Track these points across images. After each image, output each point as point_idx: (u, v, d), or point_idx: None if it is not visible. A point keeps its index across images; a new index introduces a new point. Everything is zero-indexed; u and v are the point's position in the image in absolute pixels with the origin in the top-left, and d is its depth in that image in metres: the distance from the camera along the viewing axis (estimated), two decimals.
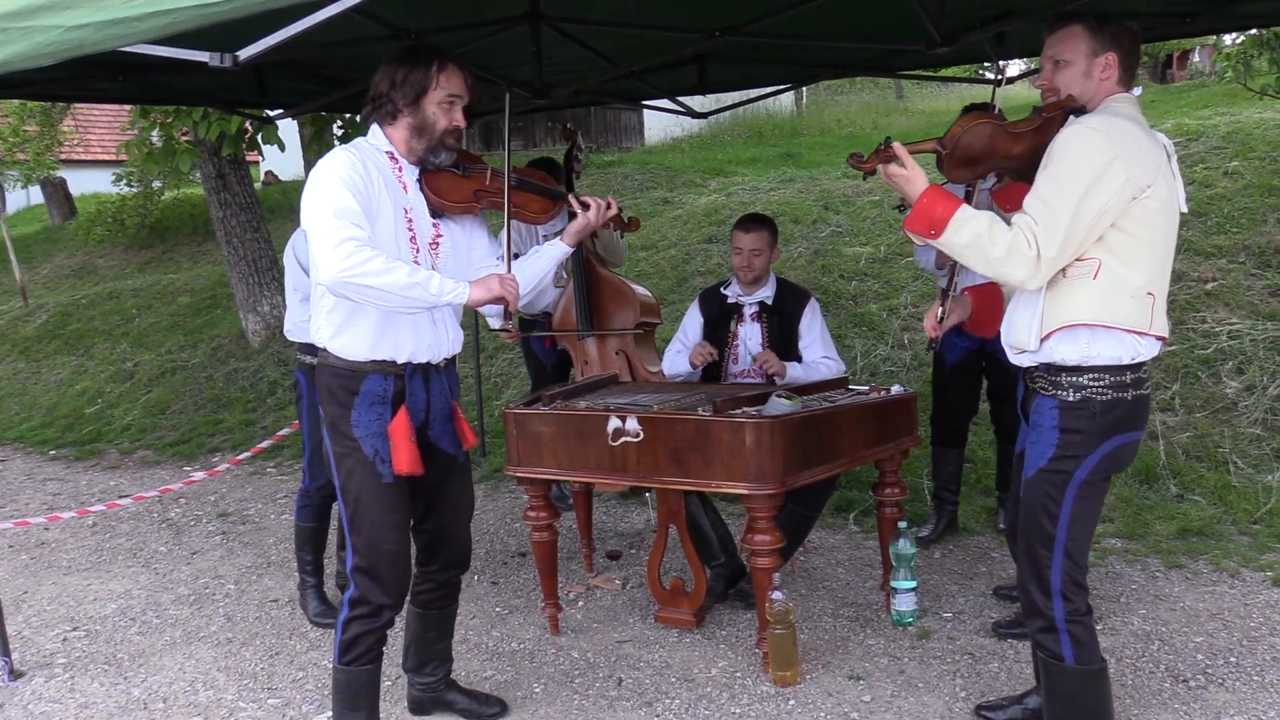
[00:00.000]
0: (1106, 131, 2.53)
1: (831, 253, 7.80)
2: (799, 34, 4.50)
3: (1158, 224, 2.58)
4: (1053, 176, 2.56)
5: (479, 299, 2.84)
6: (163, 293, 11.23)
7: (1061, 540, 2.68)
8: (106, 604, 4.71)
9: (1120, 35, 2.68)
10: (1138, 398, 2.65)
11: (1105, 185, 2.49)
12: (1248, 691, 3.31)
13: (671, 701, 3.48)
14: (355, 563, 2.97)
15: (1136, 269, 2.57)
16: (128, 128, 8.65)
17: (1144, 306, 2.59)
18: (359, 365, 2.90)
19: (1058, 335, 2.64)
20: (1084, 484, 2.66)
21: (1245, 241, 6.50)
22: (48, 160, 15.21)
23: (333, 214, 2.67)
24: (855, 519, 5.19)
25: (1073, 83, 2.70)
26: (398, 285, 2.66)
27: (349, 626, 2.99)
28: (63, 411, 8.86)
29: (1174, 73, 18.54)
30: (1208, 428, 5.36)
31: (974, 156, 2.74)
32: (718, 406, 3.45)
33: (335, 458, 2.96)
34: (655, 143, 14.78)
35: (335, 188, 2.72)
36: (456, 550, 3.27)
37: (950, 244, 2.61)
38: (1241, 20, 4.91)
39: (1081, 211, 2.50)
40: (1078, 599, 2.71)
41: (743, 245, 4.32)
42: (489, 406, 6.96)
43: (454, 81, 2.91)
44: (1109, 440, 2.64)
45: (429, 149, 2.95)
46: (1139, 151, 2.54)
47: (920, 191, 2.63)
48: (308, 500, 4.30)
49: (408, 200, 2.94)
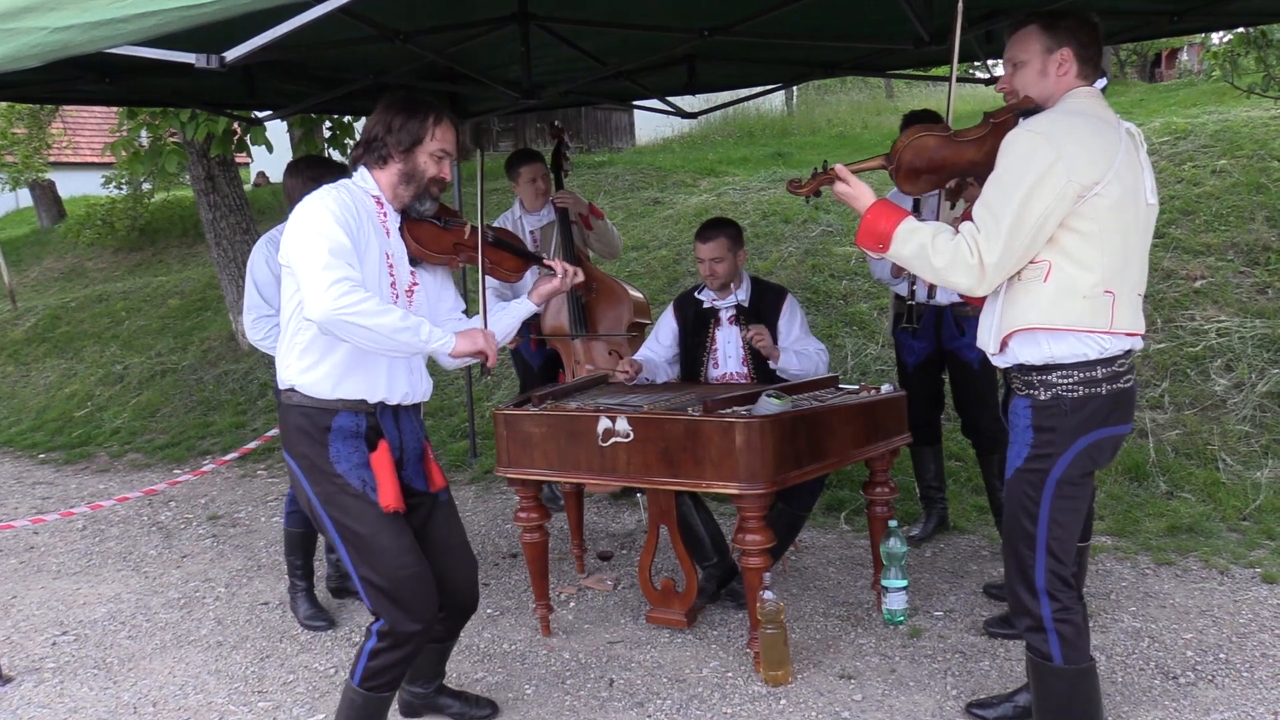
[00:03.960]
0: (1047, 133, 2.52)
1: (822, 252, 7.81)
2: (788, 33, 4.50)
3: (1112, 221, 2.56)
4: (994, 181, 2.57)
5: (463, 350, 2.84)
6: (152, 295, 11.19)
7: (1043, 539, 2.69)
8: (96, 608, 4.69)
9: (1075, 28, 2.66)
10: (1114, 392, 2.64)
11: (1047, 188, 2.49)
12: (1237, 688, 3.33)
13: (663, 702, 3.48)
14: (374, 599, 2.85)
15: (1089, 269, 2.57)
16: (116, 130, 8.61)
17: (1100, 306, 2.58)
18: (328, 403, 2.83)
19: (1017, 338, 2.68)
20: (1061, 482, 2.66)
21: (1233, 239, 6.53)
22: (36, 163, 15.13)
23: (329, 252, 2.64)
24: (846, 518, 5.20)
25: (1030, 83, 2.70)
26: (389, 328, 2.65)
27: (377, 655, 2.89)
28: (52, 415, 8.82)
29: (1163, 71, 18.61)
30: (1197, 425, 5.38)
31: (922, 169, 2.75)
32: (708, 406, 3.45)
33: (320, 500, 2.85)
34: (646, 143, 14.78)
35: (330, 225, 2.70)
36: (457, 597, 3.10)
37: (898, 256, 2.66)
38: (1229, 19, 4.94)
39: (1023, 216, 2.50)
40: (1064, 596, 2.72)
41: (703, 255, 4.27)
42: (479, 407, 6.95)
43: (447, 137, 2.94)
44: (1084, 437, 2.64)
45: (415, 196, 2.95)
46: (1085, 149, 2.52)
47: (866, 207, 2.68)
48: (296, 505, 4.28)
49: (390, 245, 2.92)
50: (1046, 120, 2.58)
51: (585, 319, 5.06)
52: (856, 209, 2.72)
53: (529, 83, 4.50)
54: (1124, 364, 2.68)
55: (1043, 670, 2.77)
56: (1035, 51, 2.68)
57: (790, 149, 12.81)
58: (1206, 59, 10.13)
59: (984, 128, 2.74)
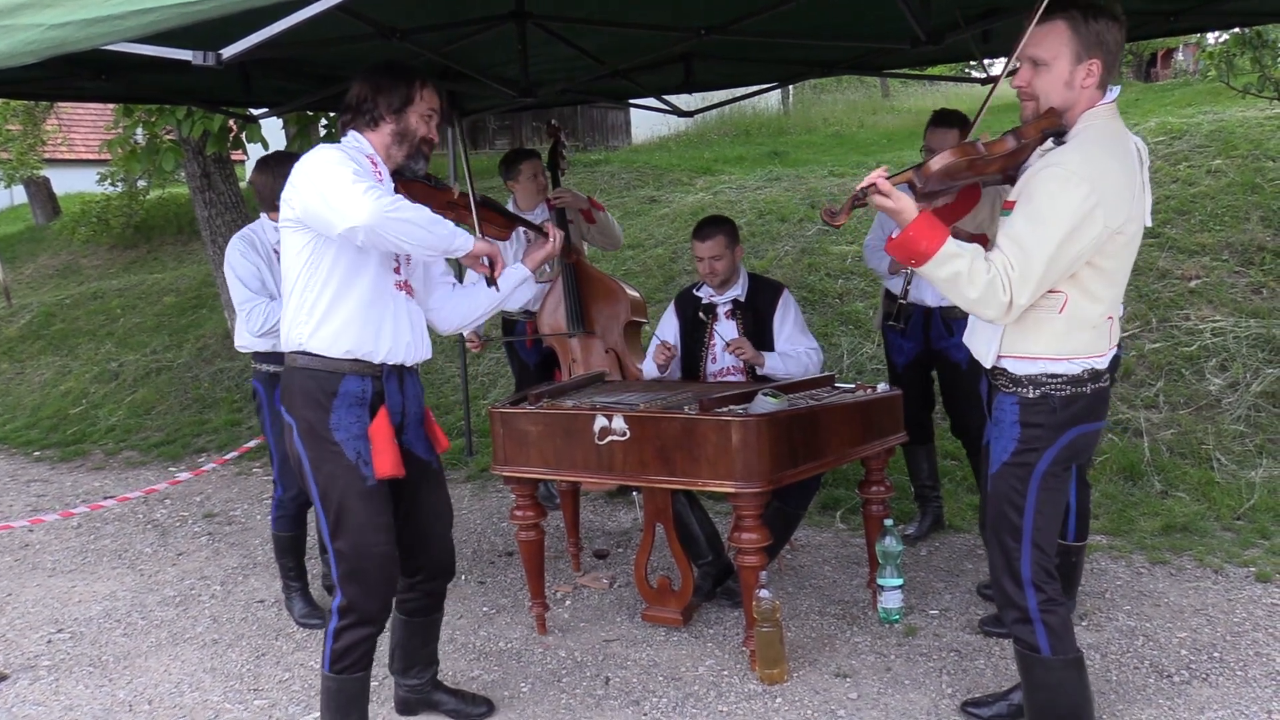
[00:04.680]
0: (1089, 176, 2.44)
1: (818, 251, 7.81)
2: (784, 32, 4.50)
3: (1125, 255, 2.58)
4: (1031, 218, 2.48)
5: (480, 250, 2.96)
6: (147, 293, 11.17)
7: (1029, 530, 2.71)
8: (91, 606, 4.68)
9: (1106, 34, 2.50)
10: (1097, 391, 2.67)
11: (1084, 233, 2.45)
12: (1231, 686, 3.34)
13: (659, 700, 3.48)
14: (342, 570, 2.94)
15: (1099, 301, 2.59)
16: (112, 127, 8.60)
17: (1102, 332, 2.63)
18: (336, 364, 2.90)
19: (1012, 360, 2.67)
20: (1046, 474, 2.69)
21: (1228, 239, 6.54)
22: (31, 160, 15.08)
23: (353, 174, 2.71)
24: (842, 517, 5.21)
25: (1053, 91, 2.54)
26: (427, 219, 2.75)
27: (340, 636, 2.96)
28: (47, 412, 8.81)
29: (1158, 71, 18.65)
30: (1191, 424, 5.39)
31: (947, 185, 2.66)
32: (704, 405, 3.45)
33: (311, 463, 2.92)
34: (642, 141, 14.78)
35: (344, 160, 2.78)
36: (439, 559, 3.26)
37: (931, 276, 2.58)
38: (1224, 19, 4.95)
39: (1058, 260, 2.47)
40: (1049, 588, 2.73)
41: (701, 253, 4.30)
42: (475, 405, 6.94)
43: (434, 99, 3.03)
44: (1068, 432, 2.67)
45: (409, 155, 3.02)
46: (1117, 188, 2.48)
47: (909, 221, 2.53)
48: (283, 510, 4.27)
49: None
50: (1081, 157, 2.47)
51: (583, 317, 5.06)
52: (899, 223, 2.56)
53: (526, 81, 4.49)
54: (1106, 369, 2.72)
55: (1031, 662, 2.78)
56: (1065, 56, 2.50)
57: (786, 148, 12.82)
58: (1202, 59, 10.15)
59: (1012, 142, 2.56)
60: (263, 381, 4.12)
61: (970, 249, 2.54)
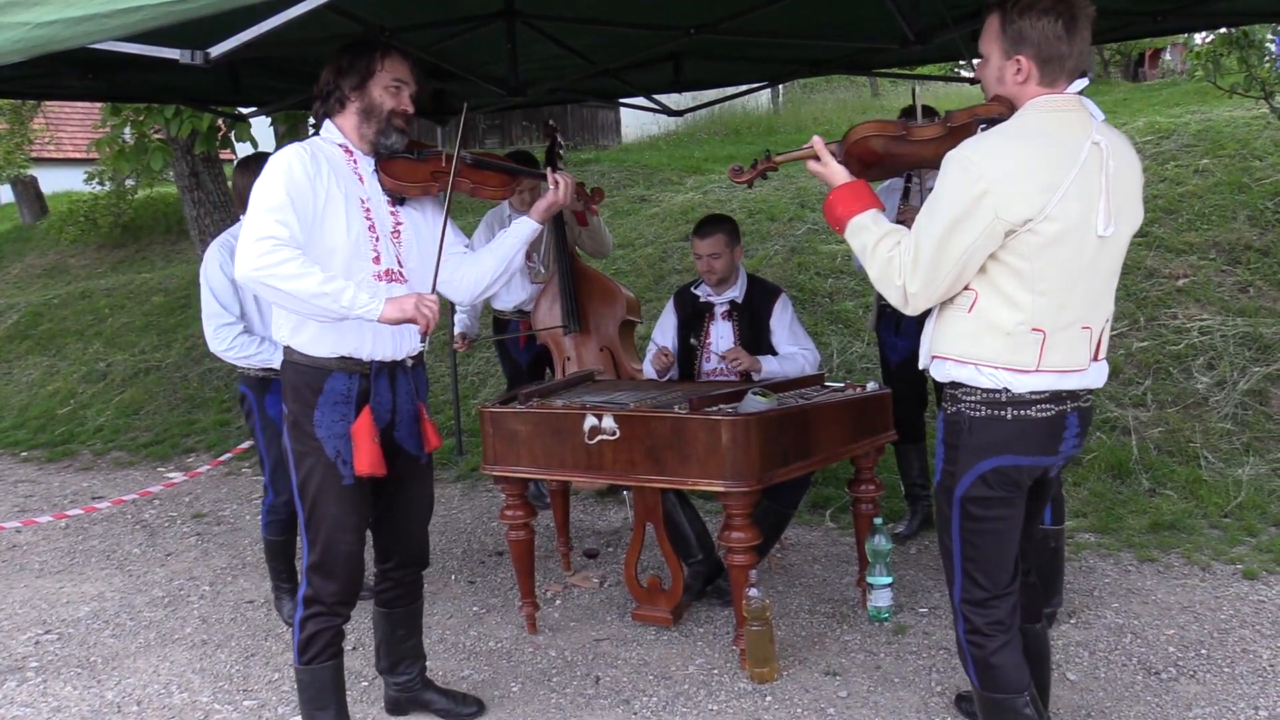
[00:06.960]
0: (981, 163, 2.29)
1: (808, 250, 7.82)
2: (774, 31, 4.51)
3: (1048, 259, 2.32)
4: (927, 205, 2.40)
5: (391, 317, 2.76)
6: (136, 292, 11.12)
7: (957, 558, 2.55)
8: (80, 606, 4.67)
9: (1032, 32, 2.35)
10: (1021, 419, 2.42)
11: (972, 223, 2.30)
12: (1218, 683, 3.35)
13: (649, 699, 3.48)
14: (310, 561, 2.98)
15: (1016, 307, 2.35)
16: (99, 126, 8.55)
17: (1025, 344, 2.36)
18: (323, 361, 2.90)
19: (935, 361, 2.56)
20: (965, 501, 2.50)
21: (1216, 238, 6.57)
22: (18, 159, 15.00)
23: (264, 209, 2.69)
24: (832, 515, 5.22)
25: (989, 85, 2.49)
26: (306, 292, 2.65)
27: (305, 625, 3.01)
28: (34, 413, 8.76)
29: (1146, 71, 18.70)
30: (1179, 422, 5.42)
31: (872, 163, 2.63)
32: (694, 404, 3.45)
33: (294, 456, 2.95)
34: (632, 140, 14.76)
35: (274, 184, 2.74)
36: (412, 550, 3.28)
37: (851, 244, 2.55)
38: (1210, 19, 4.97)
39: (945, 250, 2.33)
40: (978, 619, 2.54)
41: (701, 251, 4.31)
42: (466, 405, 6.93)
43: (398, 67, 2.95)
44: (984, 460, 2.45)
45: (379, 131, 2.95)
46: (1022, 179, 2.28)
47: (835, 186, 2.56)
48: (275, 515, 4.24)
49: (364, 191, 2.94)
50: (987, 145, 2.34)
51: (579, 314, 5.06)
52: (828, 186, 2.57)
53: (515, 80, 4.49)
54: (1041, 395, 2.42)
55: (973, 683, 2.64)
56: (995, 51, 2.44)
57: (776, 147, 12.78)
58: (1189, 59, 10.18)
59: (939, 129, 2.57)
60: (251, 386, 4.10)
61: (888, 227, 2.48)
